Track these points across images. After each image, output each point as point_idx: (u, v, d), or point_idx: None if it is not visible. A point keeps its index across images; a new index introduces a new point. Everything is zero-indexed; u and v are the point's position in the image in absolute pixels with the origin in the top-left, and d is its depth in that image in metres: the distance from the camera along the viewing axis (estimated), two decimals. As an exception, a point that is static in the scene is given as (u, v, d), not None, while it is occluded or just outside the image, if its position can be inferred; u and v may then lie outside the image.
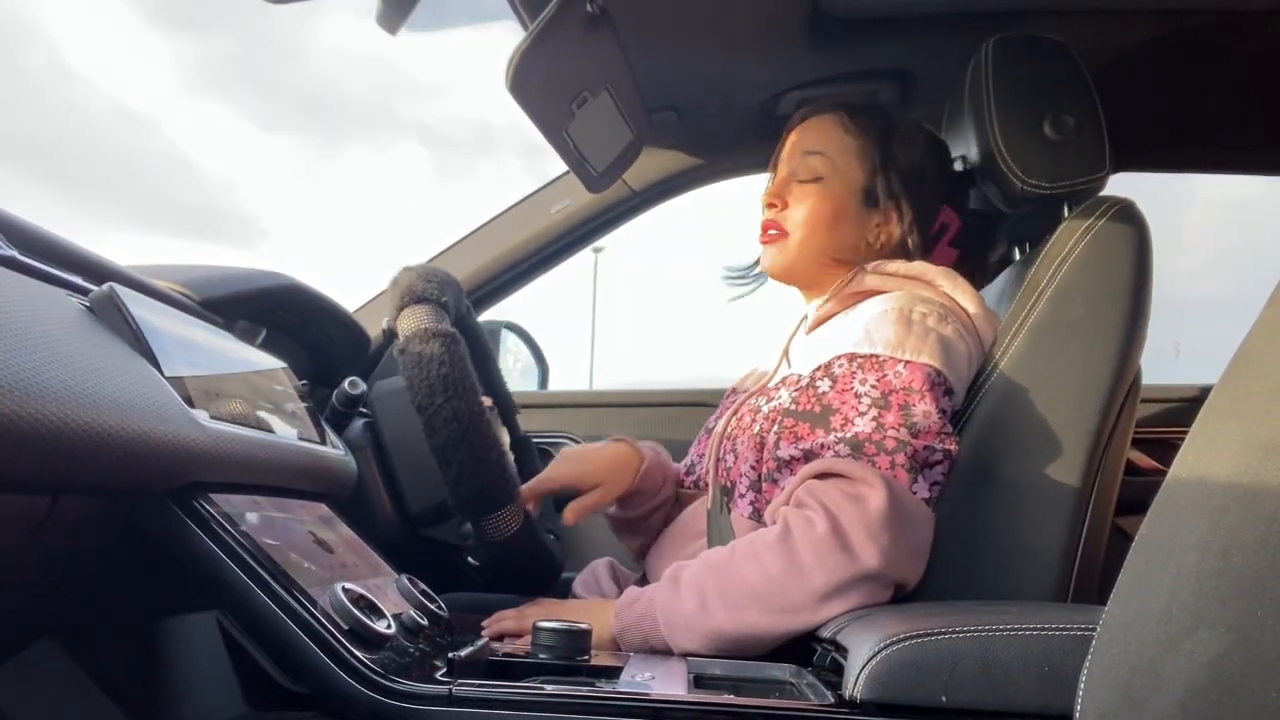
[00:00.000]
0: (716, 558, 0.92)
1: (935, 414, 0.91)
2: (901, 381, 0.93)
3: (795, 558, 0.86)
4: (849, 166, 1.11)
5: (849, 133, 1.12)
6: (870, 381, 0.94)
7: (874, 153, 1.11)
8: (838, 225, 1.11)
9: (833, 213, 1.10)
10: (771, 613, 0.86)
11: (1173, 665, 0.40)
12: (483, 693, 0.68)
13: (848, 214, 1.11)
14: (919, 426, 0.91)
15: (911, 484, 0.90)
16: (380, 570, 0.92)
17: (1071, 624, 0.67)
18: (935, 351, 0.95)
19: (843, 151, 1.11)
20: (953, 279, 1.06)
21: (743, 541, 0.92)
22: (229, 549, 0.69)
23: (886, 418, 0.91)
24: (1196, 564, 0.40)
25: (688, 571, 0.92)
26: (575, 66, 1.16)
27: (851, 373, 0.95)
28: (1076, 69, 1.06)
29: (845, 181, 1.11)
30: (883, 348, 0.95)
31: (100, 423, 0.56)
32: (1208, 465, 0.42)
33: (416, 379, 0.96)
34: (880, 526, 0.85)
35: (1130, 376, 0.99)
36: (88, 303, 0.71)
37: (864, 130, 1.12)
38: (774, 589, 0.86)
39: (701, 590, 0.89)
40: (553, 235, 1.65)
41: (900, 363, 0.94)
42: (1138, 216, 0.99)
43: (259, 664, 0.70)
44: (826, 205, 1.10)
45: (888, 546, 0.85)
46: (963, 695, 0.66)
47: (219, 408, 0.75)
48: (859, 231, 1.11)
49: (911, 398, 0.92)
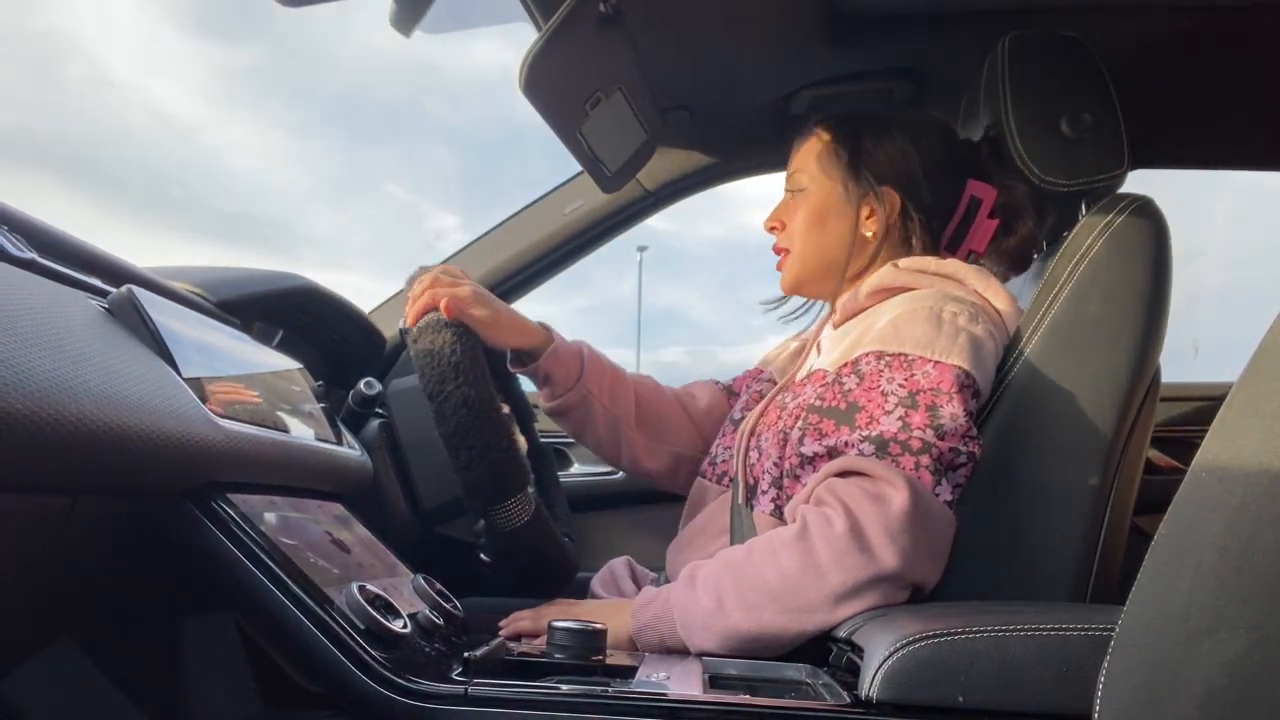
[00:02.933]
0: (733, 556, 0.92)
1: (962, 416, 0.90)
2: (929, 382, 0.92)
3: (813, 557, 0.85)
4: (822, 170, 1.16)
5: (819, 140, 1.17)
6: (898, 380, 0.93)
7: (842, 150, 1.15)
8: (825, 223, 1.15)
9: (817, 214, 1.15)
10: (788, 612, 0.86)
11: (1192, 665, 0.39)
12: (498, 692, 0.68)
13: (831, 211, 1.14)
14: (945, 428, 0.90)
15: (935, 485, 0.89)
16: (396, 570, 0.92)
17: (1089, 624, 0.66)
18: (965, 352, 0.94)
19: (816, 159, 1.17)
20: (984, 277, 1.05)
21: (761, 540, 0.91)
22: (246, 549, 0.69)
23: (913, 418, 0.90)
24: (1216, 563, 0.40)
25: (704, 570, 0.92)
26: (588, 67, 1.16)
27: (879, 371, 0.95)
28: (1093, 65, 1.05)
29: (821, 184, 1.15)
30: (911, 347, 0.94)
31: (118, 423, 0.56)
32: (1227, 464, 0.42)
33: (427, 367, 0.97)
34: (901, 527, 0.85)
35: (1149, 375, 0.98)
36: (106, 304, 0.72)
37: (830, 134, 1.17)
38: (791, 588, 0.86)
39: (718, 589, 0.89)
40: (567, 235, 1.65)
41: (929, 363, 0.93)
42: (1156, 213, 0.99)
43: (276, 663, 0.71)
44: (810, 209, 1.16)
45: (907, 548, 0.84)
46: (979, 696, 0.66)
47: (236, 408, 0.76)
48: (849, 225, 1.14)
49: (939, 399, 0.91)
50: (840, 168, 1.14)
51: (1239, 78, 1.37)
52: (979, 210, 1.13)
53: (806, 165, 1.17)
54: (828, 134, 1.17)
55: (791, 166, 1.20)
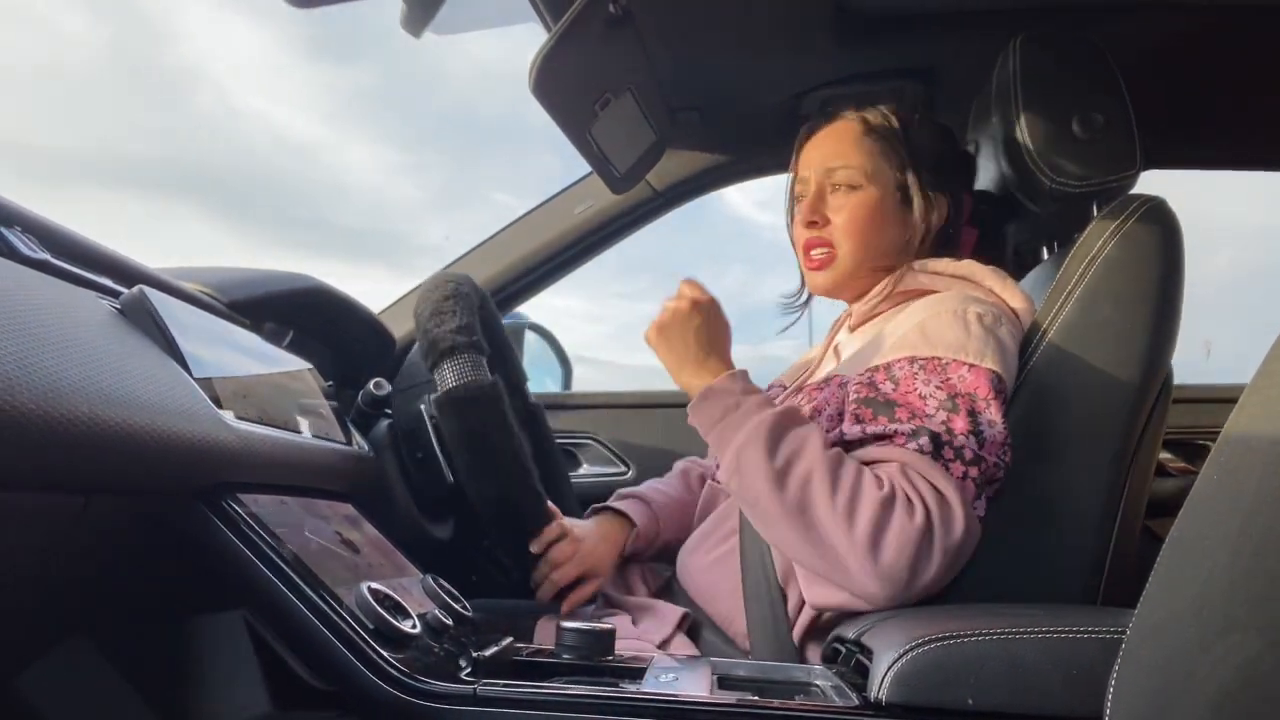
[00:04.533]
0: (830, 464, 0.87)
1: (1000, 424, 0.89)
2: (966, 386, 0.90)
3: (881, 535, 0.83)
4: (879, 169, 1.09)
5: (870, 135, 1.11)
6: (934, 383, 0.91)
7: (899, 150, 1.10)
8: (883, 229, 1.09)
9: (875, 217, 1.09)
10: (810, 545, 0.86)
11: (1204, 668, 0.39)
12: (507, 692, 0.68)
13: (889, 216, 1.09)
14: (985, 436, 0.88)
15: (975, 499, 0.88)
16: (405, 570, 0.93)
17: (1100, 627, 0.66)
18: (996, 355, 0.92)
19: (870, 156, 1.10)
20: (1001, 278, 1.04)
21: (857, 474, 0.87)
22: (257, 549, 0.69)
23: (956, 422, 0.88)
24: (1228, 566, 0.40)
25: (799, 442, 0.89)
26: (598, 67, 1.17)
27: (913, 374, 0.92)
28: (1105, 66, 1.04)
29: (880, 184, 1.09)
30: (944, 350, 0.93)
31: (130, 423, 0.56)
32: (1239, 467, 0.41)
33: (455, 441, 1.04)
34: (957, 552, 0.85)
35: (1161, 377, 0.97)
36: (118, 305, 0.72)
37: (884, 131, 1.11)
38: (840, 540, 0.84)
39: (789, 468, 0.88)
40: (576, 236, 1.65)
41: (964, 366, 0.91)
42: (1168, 215, 0.98)
43: (286, 662, 0.71)
44: (867, 211, 1.09)
45: (946, 571, 0.85)
46: (989, 698, 0.65)
47: (246, 408, 0.76)
48: (902, 232, 1.10)
49: (978, 404, 0.89)
50: (897, 171, 1.09)
51: (1252, 78, 1.36)
52: (963, 217, 1.14)
53: (854, 160, 1.10)
54: (876, 129, 1.11)
55: (830, 157, 1.11)
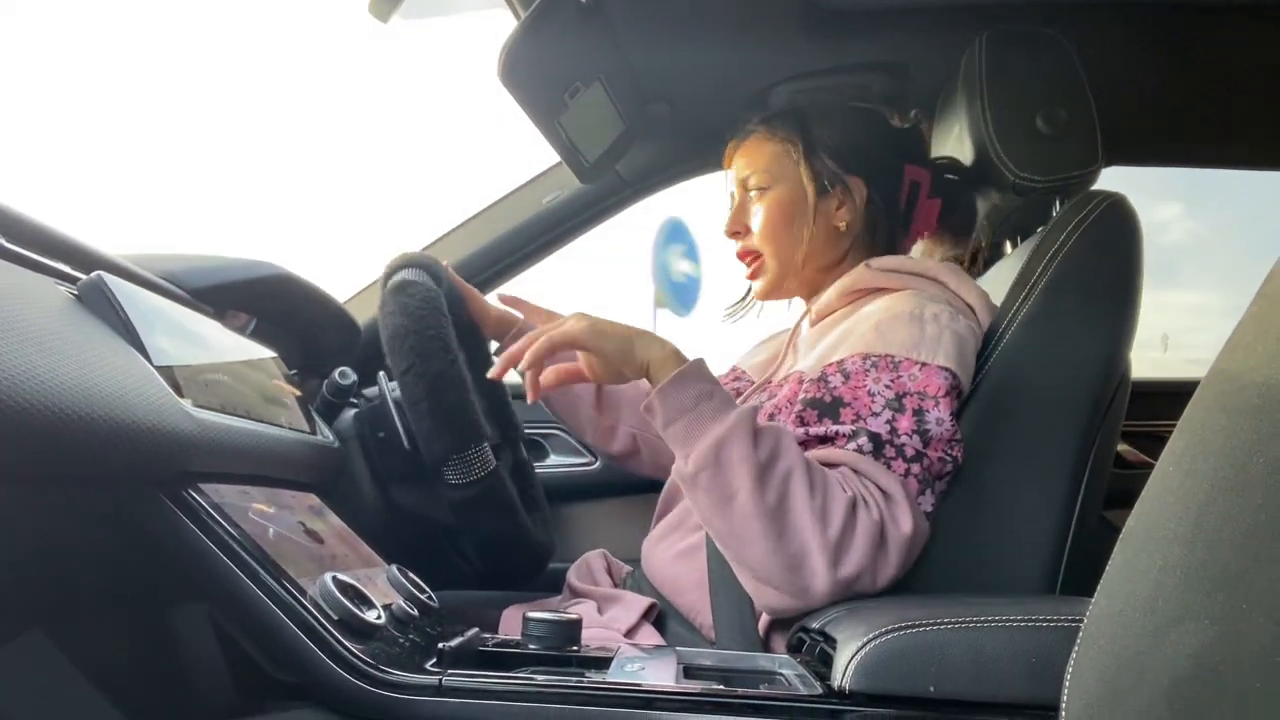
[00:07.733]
0: (806, 462, 0.85)
1: (948, 421, 0.90)
2: (916, 385, 0.91)
3: (848, 539, 0.83)
4: (781, 167, 1.14)
5: (770, 139, 1.15)
6: (884, 381, 0.92)
7: (796, 144, 1.13)
8: (796, 221, 1.13)
9: (787, 214, 1.13)
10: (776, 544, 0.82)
11: (1158, 656, 0.40)
12: (472, 683, 0.68)
13: (802, 208, 1.12)
14: (931, 434, 0.89)
15: (919, 494, 0.89)
16: (371, 561, 0.92)
17: (1059, 616, 0.67)
18: (950, 352, 0.93)
19: (772, 156, 1.15)
20: (957, 275, 1.05)
21: (824, 474, 0.85)
22: (218, 539, 0.68)
23: (900, 421, 0.89)
24: (1183, 556, 0.40)
25: (778, 437, 0.86)
26: (568, 56, 1.16)
27: (864, 370, 0.93)
28: (1070, 63, 1.06)
29: (786, 181, 1.13)
30: (897, 348, 0.94)
31: (88, 412, 0.55)
32: (1194, 458, 0.42)
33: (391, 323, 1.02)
34: (908, 550, 0.86)
35: (1121, 369, 0.99)
36: (76, 291, 0.71)
37: (780, 130, 1.15)
38: (810, 540, 0.82)
39: (773, 464, 0.84)
40: (544, 226, 1.65)
41: (916, 365, 0.92)
42: (1128, 210, 1.00)
43: (249, 654, 0.70)
44: (779, 209, 1.13)
45: (897, 574, 0.86)
46: (951, 686, 0.66)
47: (208, 397, 0.75)
48: (823, 221, 1.13)
49: (926, 403, 0.90)
50: (799, 161, 1.13)
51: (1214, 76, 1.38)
52: (920, 192, 1.15)
53: (759, 164, 1.15)
54: (776, 130, 1.15)
55: (741, 168, 1.17)
